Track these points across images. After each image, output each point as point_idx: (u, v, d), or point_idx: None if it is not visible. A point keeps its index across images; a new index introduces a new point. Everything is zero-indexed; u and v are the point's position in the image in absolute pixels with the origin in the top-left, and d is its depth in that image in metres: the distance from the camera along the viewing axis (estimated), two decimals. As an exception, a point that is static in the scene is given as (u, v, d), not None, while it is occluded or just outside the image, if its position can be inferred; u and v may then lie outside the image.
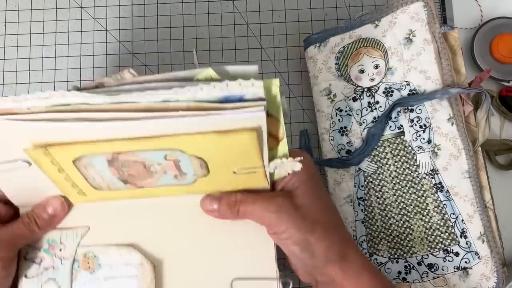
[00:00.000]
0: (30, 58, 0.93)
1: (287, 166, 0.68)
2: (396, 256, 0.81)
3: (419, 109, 0.81)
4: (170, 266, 0.73)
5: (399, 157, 0.82)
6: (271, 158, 0.67)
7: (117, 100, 0.58)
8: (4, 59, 0.93)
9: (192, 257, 0.73)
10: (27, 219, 0.72)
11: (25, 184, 0.71)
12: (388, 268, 0.82)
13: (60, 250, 0.74)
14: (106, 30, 0.94)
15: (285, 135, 0.65)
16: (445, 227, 0.79)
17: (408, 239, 0.81)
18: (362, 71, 0.84)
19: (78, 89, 0.63)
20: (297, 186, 0.70)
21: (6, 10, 0.95)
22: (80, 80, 0.92)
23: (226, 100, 0.58)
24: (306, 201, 0.70)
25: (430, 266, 0.80)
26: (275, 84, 0.61)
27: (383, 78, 0.84)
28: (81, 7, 0.95)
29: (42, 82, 0.92)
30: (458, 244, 0.79)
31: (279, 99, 0.62)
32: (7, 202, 0.74)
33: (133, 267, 0.73)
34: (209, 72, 0.61)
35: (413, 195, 0.81)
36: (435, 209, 0.80)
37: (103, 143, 0.62)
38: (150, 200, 0.74)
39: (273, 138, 0.66)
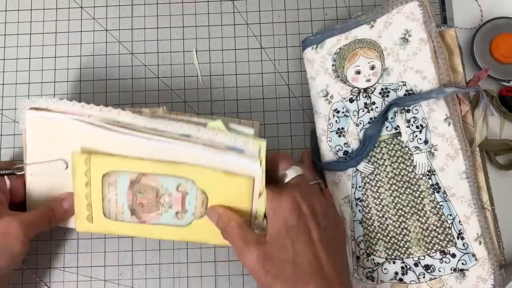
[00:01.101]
0: (30, 58, 0.94)
1: (263, 225, 0.80)
2: (393, 256, 0.81)
3: (416, 110, 0.81)
4: None
5: (395, 157, 0.82)
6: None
7: (153, 126, 0.78)
8: (4, 59, 0.94)
9: None
10: (47, 209, 0.81)
11: (48, 192, 0.84)
12: (385, 269, 0.82)
13: None
14: (106, 30, 0.94)
15: (264, 193, 0.78)
16: (442, 228, 0.79)
17: (405, 240, 0.81)
18: (358, 72, 0.84)
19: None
20: (270, 233, 0.75)
21: (6, 10, 0.95)
22: (80, 80, 0.93)
23: (232, 149, 0.78)
24: (275, 252, 0.73)
25: (427, 267, 0.80)
26: (263, 147, 0.78)
27: (379, 78, 0.83)
28: (81, 7, 0.95)
29: (42, 82, 0.93)
30: (455, 246, 0.79)
31: (264, 161, 0.77)
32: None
33: None
34: (218, 124, 0.79)
35: (410, 196, 0.81)
36: (432, 210, 0.80)
37: (135, 161, 0.79)
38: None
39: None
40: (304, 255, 0.72)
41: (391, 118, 0.82)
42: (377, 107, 0.83)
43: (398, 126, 0.82)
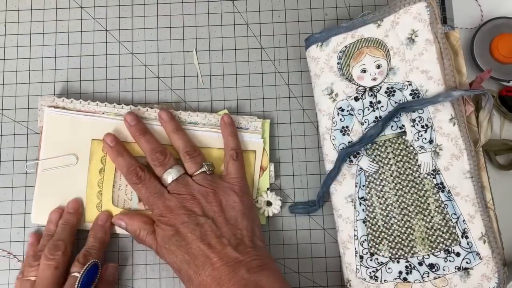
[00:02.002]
0: (30, 58, 0.93)
1: (269, 207, 0.89)
2: (397, 256, 0.81)
3: (421, 109, 0.81)
4: None
5: (400, 157, 0.82)
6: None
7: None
8: (4, 59, 0.93)
9: None
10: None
11: (56, 187, 0.88)
12: (389, 268, 0.82)
13: None
14: (106, 30, 0.94)
15: (269, 169, 0.90)
16: (446, 227, 0.80)
17: (409, 239, 0.81)
18: (364, 71, 0.84)
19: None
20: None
21: (6, 10, 0.94)
22: (80, 80, 0.92)
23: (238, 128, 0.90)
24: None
25: (431, 266, 0.80)
26: (266, 125, 0.91)
27: (385, 78, 0.84)
28: (81, 7, 0.94)
29: (42, 82, 0.92)
30: (459, 245, 0.79)
31: (267, 135, 0.91)
32: None
33: None
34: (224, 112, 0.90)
35: (414, 195, 0.81)
36: (437, 209, 0.80)
37: None
38: None
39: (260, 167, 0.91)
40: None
41: (396, 118, 0.82)
42: (382, 106, 0.83)
43: (403, 126, 0.82)
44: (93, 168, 0.88)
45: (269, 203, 0.88)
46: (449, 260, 0.79)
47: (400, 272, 0.81)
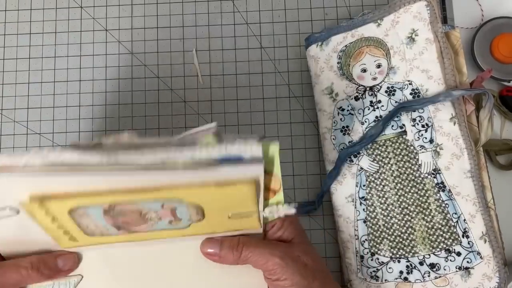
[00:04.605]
0: (30, 58, 0.93)
1: (281, 212, 0.70)
2: (398, 255, 0.81)
3: (421, 109, 0.81)
4: None
5: (401, 156, 0.82)
6: (266, 205, 0.70)
7: (114, 161, 0.59)
8: (4, 59, 0.93)
9: None
10: (25, 265, 0.68)
11: (13, 233, 0.68)
12: (389, 268, 0.82)
13: None
14: (106, 30, 0.94)
15: (282, 188, 0.68)
16: (447, 227, 0.80)
17: (410, 238, 0.81)
18: (364, 70, 0.84)
19: (76, 146, 0.61)
20: (292, 237, 0.72)
21: (6, 10, 0.94)
22: (80, 80, 0.92)
23: (224, 160, 0.60)
24: (303, 250, 0.72)
25: (432, 265, 0.80)
26: (274, 149, 0.65)
27: (385, 77, 0.84)
28: (81, 7, 0.94)
29: (42, 82, 0.92)
30: (460, 244, 0.79)
31: (277, 161, 0.66)
32: None
33: None
34: (209, 138, 0.62)
35: (415, 195, 0.81)
36: (437, 208, 0.80)
37: (101, 195, 0.62)
38: (144, 247, 0.73)
39: (270, 191, 0.69)
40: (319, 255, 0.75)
41: (397, 117, 0.82)
42: (382, 106, 0.83)
43: (403, 125, 0.82)
44: (43, 222, 0.65)
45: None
46: (450, 260, 0.79)
47: (401, 272, 0.81)
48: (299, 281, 0.68)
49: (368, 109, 0.84)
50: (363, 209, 0.83)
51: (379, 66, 0.84)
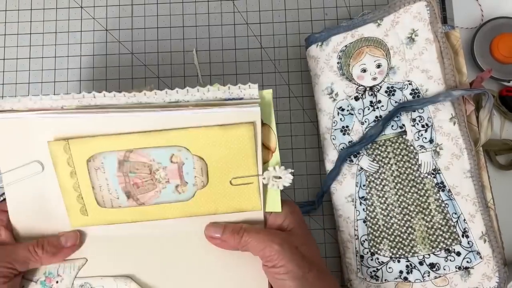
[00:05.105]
0: (30, 58, 0.93)
1: (280, 180, 0.75)
2: (397, 255, 0.81)
3: (421, 109, 0.81)
4: None
5: (401, 156, 0.82)
6: (265, 169, 0.75)
7: (136, 100, 0.72)
8: (4, 59, 0.93)
9: None
10: (32, 243, 0.74)
11: (31, 203, 0.76)
12: (389, 268, 0.82)
13: (57, 282, 0.77)
14: (106, 30, 0.94)
15: (278, 148, 0.75)
16: (447, 227, 0.80)
17: (410, 238, 0.81)
18: (364, 70, 0.84)
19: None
20: (292, 227, 0.75)
21: (6, 10, 0.95)
22: (80, 80, 0.92)
23: (228, 99, 0.73)
24: (302, 240, 0.74)
25: (432, 265, 0.80)
26: (268, 93, 0.74)
27: (385, 77, 0.84)
28: (81, 7, 0.95)
29: (42, 82, 0.92)
30: (460, 244, 0.79)
31: (272, 108, 0.74)
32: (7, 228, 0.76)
33: None
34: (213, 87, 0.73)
35: (415, 195, 0.81)
36: (437, 208, 0.80)
37: (119, 137, 0.72)
38: (147, 232, 0.77)
39: (267, 149, 0.76)
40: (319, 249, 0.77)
41: (397, 117, 0.82)
42: (382, 106, 0.83)
43: (403, 125, 0.82)
44: (62, 173, 0.73)
45: (277, 178, 0.75)
46: (450, 260, 0.79)
47: (401, 272, 0.81)
48: (294, 270, 0.70)
49: (368, 109, 0.84)
50: (363, 209, 0.83)
51: (379, 66, 0.84)
